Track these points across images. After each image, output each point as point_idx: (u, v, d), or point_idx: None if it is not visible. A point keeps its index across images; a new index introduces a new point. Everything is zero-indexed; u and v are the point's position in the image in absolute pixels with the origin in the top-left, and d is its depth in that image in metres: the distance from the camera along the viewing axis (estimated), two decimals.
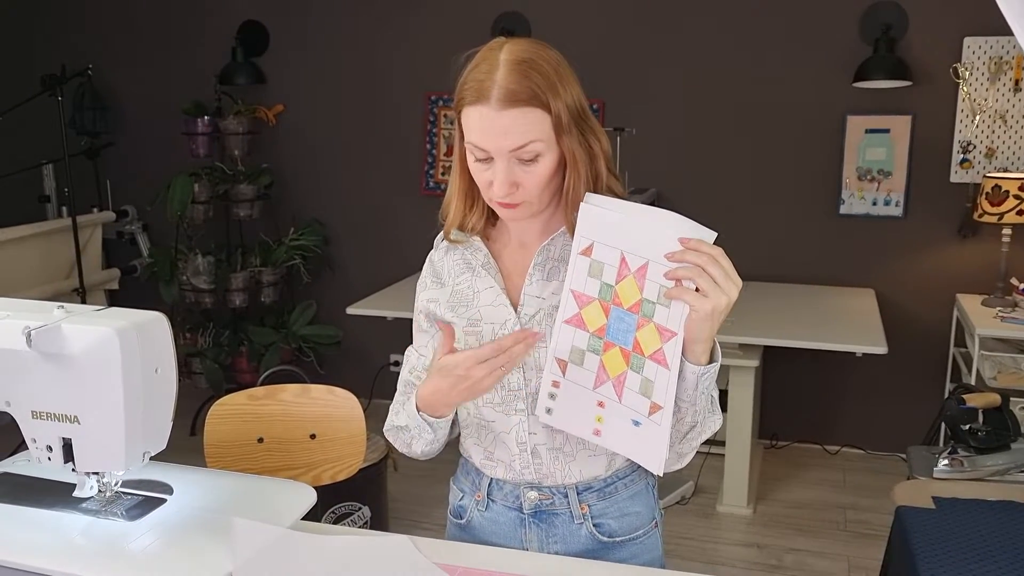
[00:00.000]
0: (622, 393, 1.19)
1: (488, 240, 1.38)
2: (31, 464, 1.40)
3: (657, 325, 1.14)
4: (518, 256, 1.36)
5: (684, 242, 1.11)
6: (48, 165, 4.82)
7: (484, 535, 1.42)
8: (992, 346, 3.40)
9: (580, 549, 1.37)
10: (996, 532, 1.95)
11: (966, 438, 2.33)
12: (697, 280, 1.09)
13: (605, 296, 1.19)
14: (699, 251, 1.10)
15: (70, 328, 1.17)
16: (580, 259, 1.21)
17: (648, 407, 1.17)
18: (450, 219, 1.37)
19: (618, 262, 1.17)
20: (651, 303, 1.14)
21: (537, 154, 1.21)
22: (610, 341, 1.19)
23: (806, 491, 3.70)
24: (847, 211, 3.90)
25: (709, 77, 4.00)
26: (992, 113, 3.68)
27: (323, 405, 1.91)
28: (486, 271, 1.35)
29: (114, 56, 4.79)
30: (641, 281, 1.15)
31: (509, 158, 1.20)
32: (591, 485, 1.36)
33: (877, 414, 4.02)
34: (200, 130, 4.40)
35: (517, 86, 1.18)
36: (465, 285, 1.36)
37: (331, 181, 4.63)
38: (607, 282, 1.18)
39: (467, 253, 1.38)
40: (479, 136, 1.21)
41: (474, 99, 1.20)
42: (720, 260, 1.10)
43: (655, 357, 1.15)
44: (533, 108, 1.19)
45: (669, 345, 1.13)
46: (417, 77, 4.39)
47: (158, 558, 1.17)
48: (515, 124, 1.18)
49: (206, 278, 4.39)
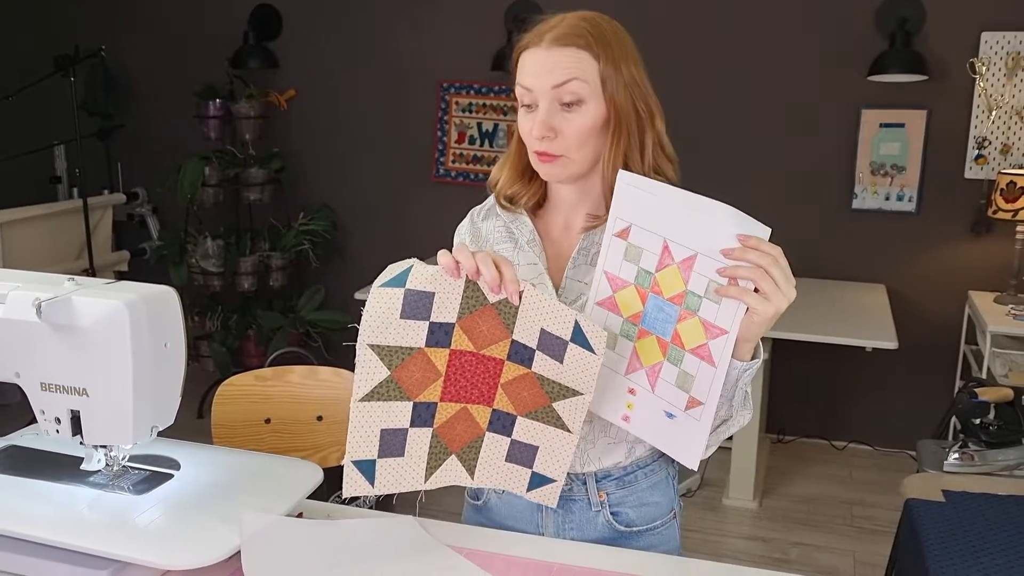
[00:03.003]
0: (656, 383, 1.16)
1: (535, 218, 1.36)
2: (39, 437, 1.39)
3: (703, 320, 1.09)
4: (563, 238, 1.33)
5: (744, 240, 1.05)
6: (60, 146, 4.82)
7: (500, 518, 1.41)
8: (1004, 343, 3.38)
9: (596, 537, 1.36)
10: (1006, 526, 1.94)
11: (977, 432, 2.31)
12: (760, 283, 1.04)
13: (642, 282, 1.15)
14: (761, 251, 1.04)
15: (80, 300, 1.17)
16: (615, 241, 1.17)
17: (686, 401, 1.13)
18: (499, 185, 1.36)
19: (660, 249, 1.12)
20: (697, 297, 1.09)
21: (579, 98, 1.20)
22: (646, 329, 1.16)
23: (813, 486, 3.68)
24: (860, 206, 3.87)
25: (722, 69, 3.98)
26: (1008, 109, 3.65)
27: (330, 387, 1.90)
28: (531, 248, 1.33)
29: (127, 38, 4.79)
30: (687, 273, 1.10)
31: (551, 99, 1.20)
32: (610, 473, 1.34)
33: (885, 410, 4.01)
34: (212, 113, 4.40)
35: (570, 30, 1.20)
36: (505, 255, 1.33)
37: (341, 167, 4.62)
38: (645, 268, 1.14)
39: (511, 224, 1.36)
40: (524, 75, 1.23)
41: (528, 44, 1.23)
42: (781, 261, 1.05)
43: (698, 352, 1.11)
44: (580, 49, 1.20)
45: (717, 343, 1.09)
46: (429, 64, 4.38)
47: (165, 532, 1.17)
48: (560, 60, 1.20)
49: (215, 261, 4.40)
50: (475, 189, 4.47)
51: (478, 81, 4.32)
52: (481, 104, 4.35)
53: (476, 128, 4.38)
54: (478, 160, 4.37)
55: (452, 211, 5.15)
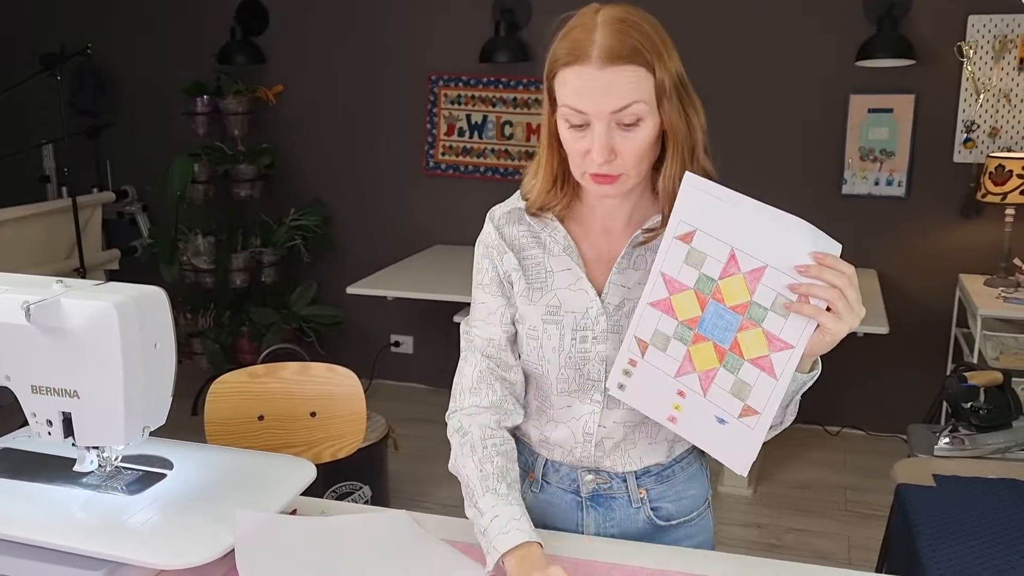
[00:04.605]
0: (708, 388, 1.16)
1: (565, 221, 1.30)
2: (31, 439, 1.40)
3: (767, 332, 1.10)
4: (602, 243, 1.29)
5: (820, 259, 1.05)
6: (48, 145, 4.79)
7: (540, 516, 1.35)
8: (994, 326, 3.39)
9: (637, 533, 1.35)
10: (996, 510, 1.95)
11: (967, 416, 2.32)
12: (835, 303, 1.04)
13: (704, 288, 1.14)
14: (837, 270, 1.04)
15: (69, 303, 1.17)
16: (677, 244, 1.15)
17: (740, 409, 1.14)
18: (533, 198, 1.29)
19: (725, 257, 1.12)
20: (762, 308, 1.10)
21: (639, 118, 1.14)
22: (702, 334, 1.15)
23: (807, 472, 3.70)
24: (849, 191, 3.88)
25: (711, 55, 3.97)
26: (996, 92, 3.66)
27: (323, 383, 1.90)
28: (567, 255, 1.28)
29: (114, 35, 4.76)
30: (753, 284, 1.10)
31: (609, 121, 1.13)
32: (649, 470, 1.34)
33: (878, 395, 4.03)
34: (200, 110, 4.38)
35: (619, 43, 1.11)
36: (535, 262, 1.30)
37: (332, 161, 4.62)
38: (708, 275, 1.14)
39: (541, 231, 1.30)
40: (576, 97, 1.13)
41: (571, 59, 1.13)
42: (855, 281, 1.05)
43: (758, 363, 1.11)
44: (636, 66, 1.12)
45: (780, 355, 1.09)
46: (417, 56, 4.37)
47: (159, 532, 1.17)
48: (617, 82, 1.11)
49: (207, 258, 4.39)
50: (465, 181, 4.47)
51: (467, 73, 4.32)
52: (470, 96, 4.34)
53: (465, 120, 4.37)
54: (468, 152, 4.37)
55: (443, 204, 5.12)
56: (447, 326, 3.55)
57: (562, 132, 1.19)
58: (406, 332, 4.57)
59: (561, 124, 1.18)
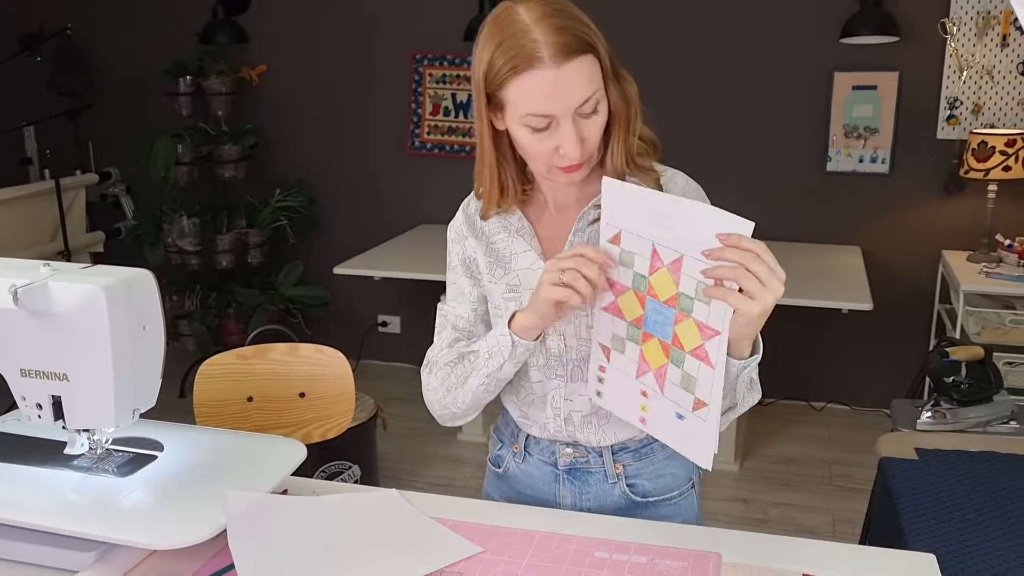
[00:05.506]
0: (664, 385, 1.17)
1: (522, 206, 1.34)
2: (21, 423, 1.40)
3: (697, 321, 1.10)
4: (556, 221, 1.33)
5: (722, 238, 1.03)
6: (29, 127, 4.75)
7: (520, 486, 1.45)
8: (977, 302, 3.43)
9: (613, 508, 1.38)
10: (977, 482, 1.99)
11: (949, 391, 2.35)
12: (742, 282, 1.02)
13: (639, 286, 1.16)
14: (740, 248, 1.02)
15: (57, 286, 1.17)
16: (610, 247, 1.18)
17: (691, 402, 1.14)
18: (484, 208, 1.33)
19: (650, 253, 1.13)
20: (689, 298, 1.10)
21: (597, 103, 1.17)
22: (648, 332, 1.17)
23: (792, 447, 3.74)
24: (834, 168, 3.90)
25: (693, 33, 3.97)
26: (979, 69, 3.67)
27: (312, 364, 1.91)
28: (522, 236, 1.33)
29: (93, 15, 4.71)
30: (676, 275, 1.11)
31: (574, 115, 1.15)
32: (627, 445, 1.37)
33: (862, 370, 4.07)
34: (182, 90, 4.35)
35: (564, 36, 1.12)
36: (502, 245, 1.34)
37: (316, 142, 4.59)
38: (640, 272, 1.15)
39: (502, 216, 1.35)
40: (538, 102, 1.14)
41: (522, 66, 1.12)
42: (764, 256, 1.02)
43: (696, 353, 1.11)
44: (586, 55, 1.14)
45: (712, 343, 1.09)
46: (400, 36, 4.34)
47: (151, 513, 1.18)
48: (578, 76, 1.13)
49: (192, 240, 4.37)
50: (451, 161, 4.46)
51: (451, 52, 4.29)
52: (455, 75, 4.32)
53: (451, 99, 4.36)
54: (453, 131, 4.36)
55: (429, 183, 5.08)
56: (434, 306, 3.55)
57: (522, 138, 1.19)
58: (393, 312, 4.57)
59: (521, 132, 1.18)
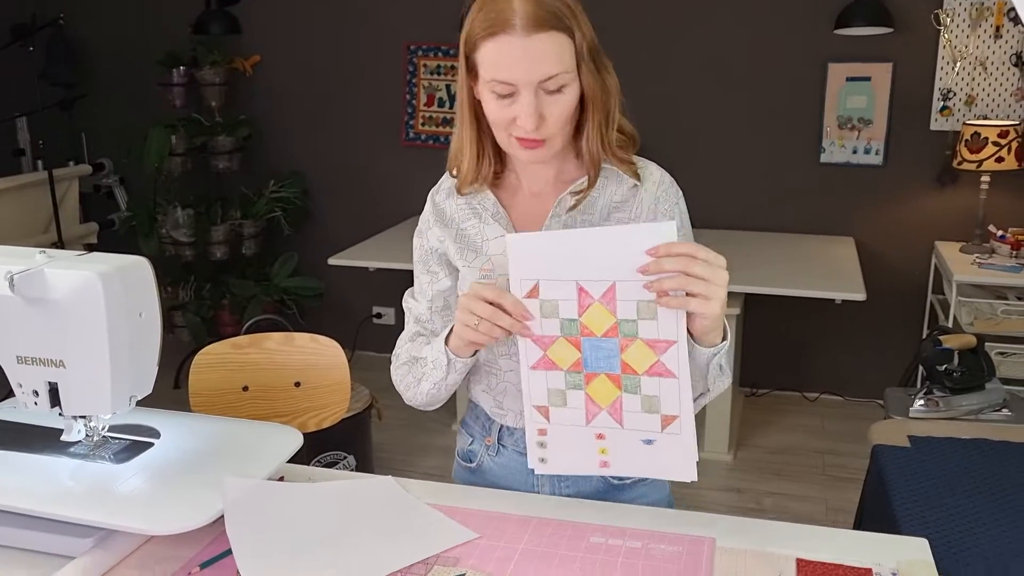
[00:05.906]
0: (623, 418, 1.17)
1: (495, 189, 1.34)
2: (18, 410, 1.40)
3: (646, 340, 1.11)
4: (531, 206, 1.33)
5: (653, 252, 1.06)
6: (22, 118, 4.73)
7: (495, 479, 1.43)
8: (969, 292, 3.44)
9: (592, 492, 1.38)
10: (968, 469, 2.00)
11: (942, 379, 2.37)
12: (688, 287, 1.04)
13: (570, 331, 1.15)
14: (673, 255, 1.04)
15: (53, 273, 1.17)
16: (528, 302, 1.16)
17: (659, 422, 1.15)
18: (463, 174, 1.32)
19: (576, 294, 1.13)
20: (631, 322, 1.11)
21: (563, 84, 1.17)
22: (592, 372, 1.16)
23: (785, 437, 3.76)
24: (828, 159, 3.91)
25: (687, 24, 3.97)
26: (972, 60, 3.68)
27: (307, 353, 1.91)
28: (496, 221, 1.32)
29: (86, 5, 4.68)
30: (611, 305, 1.11)
31: (537, 88, 1.16)
32: None
33: (855, 361, 4.08)
34: (176, 81, 4.34)
35: (540, 9, 1.14)
36: (473, 231, 1.34)
37: (310, 132, 4.58)
38: (568, 317, 1.15)
39: (473, 200, 1.35)
40: (504, 69, 1.15)
41: (493, 30, 1.14)
42: (699, 254, 1.04)
43: (654, 371, 1.12)
44: (558, 32, 1.15)
45: (669, 355, 1.10)
46: (394, 26, 4.33)
47: (148, 499, 1.18)
48: (545, 50, 1.14)
49: (186, 231, 4.36)
50: (445, 152, 4.44)
51: (446, 43, 4.29)
52: (450, 66, 4.32)
53: (445, 90, 4.35)
54: (448, 123, 4.35)
55: (423, 174, 5.09)
56: None
57: (488, 104, 1.21)
58: (388, 303, 4.57)
59: (487, 96, 1.20)
